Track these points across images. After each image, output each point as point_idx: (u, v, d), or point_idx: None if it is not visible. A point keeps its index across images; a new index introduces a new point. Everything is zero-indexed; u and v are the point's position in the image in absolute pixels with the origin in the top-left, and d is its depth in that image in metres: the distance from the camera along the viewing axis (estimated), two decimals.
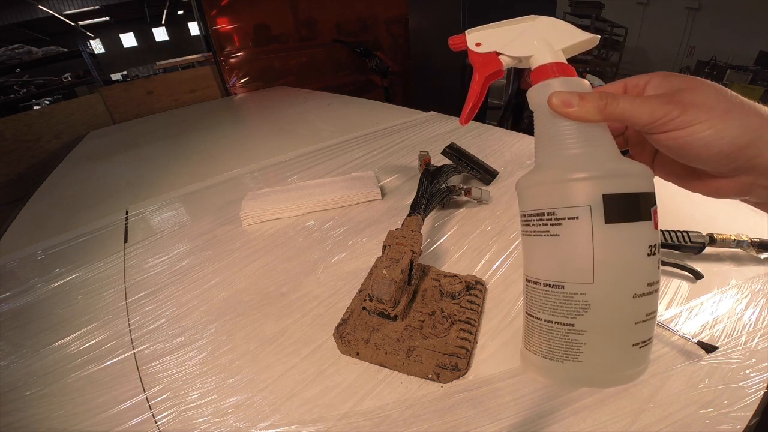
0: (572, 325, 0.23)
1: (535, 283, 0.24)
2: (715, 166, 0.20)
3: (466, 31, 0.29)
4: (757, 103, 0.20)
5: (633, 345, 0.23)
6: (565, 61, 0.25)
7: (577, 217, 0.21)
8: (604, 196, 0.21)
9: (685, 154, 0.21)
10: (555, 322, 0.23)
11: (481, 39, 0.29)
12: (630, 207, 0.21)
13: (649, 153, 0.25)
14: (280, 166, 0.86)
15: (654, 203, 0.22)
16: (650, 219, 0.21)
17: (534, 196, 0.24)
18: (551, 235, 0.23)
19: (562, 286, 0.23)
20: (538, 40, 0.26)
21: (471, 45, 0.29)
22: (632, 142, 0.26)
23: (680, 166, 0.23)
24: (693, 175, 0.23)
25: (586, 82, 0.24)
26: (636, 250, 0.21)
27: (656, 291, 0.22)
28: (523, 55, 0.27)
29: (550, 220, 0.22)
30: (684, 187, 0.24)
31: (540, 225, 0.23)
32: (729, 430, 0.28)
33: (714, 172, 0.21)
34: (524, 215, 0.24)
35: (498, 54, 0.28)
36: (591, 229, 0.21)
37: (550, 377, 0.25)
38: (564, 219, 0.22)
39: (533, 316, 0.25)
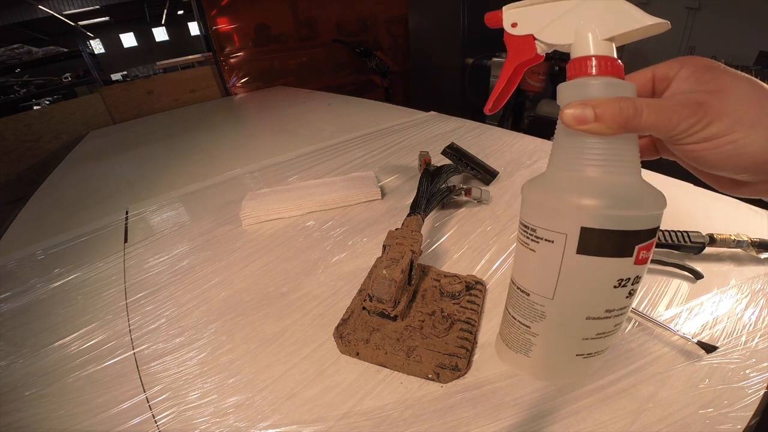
0: (529, 327, 0.25)
1: (513, 282, 0.26)
2: (736, 176, 0.20)
3: (503, 7, 0.24)
4: None
5: (576, 355, 0.25)
6: (613, 53, 0.21)
7: (553, 241, 0.22)
8: (582, 228, 0.20)
9: (706, 166, 0.20)
10: (518, 321, 0.26)
11: (518, 18, 0.24)
12: (607, 243, 0.20)
13: None
14: (280, 166, 0.86)
15: (645, 239, 0.20)
16: (630, 256, 0.20)
17: (525, 207, 0.24)
18: (529, 249, 0.23)
19: (528, 294, 0.25)
20: (582, 25, 0.21)
21: (506, 25, 0.24)
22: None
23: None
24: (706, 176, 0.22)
25: (632, 85, 0.20)
26: (601, 282, 0.22)
27: (618, 315, 0.23)
28: (559, 43, 0.22)
29: (531, 235, 0.23)
30: (703, 179, 0.23)
31: (523, 236, 0.24)
32: (729, 430, 0.28)
33: (735, 178, 0.21)
34: (519, 221, 0.24)
35: (534, 38, 0.23)
36: (562, 255, 0.21)
37: (506, 362, 0.29)
38: (542, 239, 0.22)
39: (506, 309, 0.28)
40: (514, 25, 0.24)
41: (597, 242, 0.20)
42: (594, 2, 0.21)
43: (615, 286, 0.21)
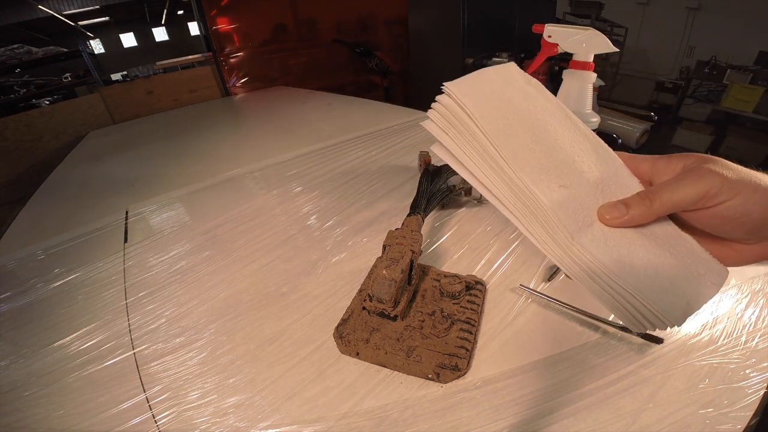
0: None
1: None
2: (754, 233, 0.20)
3: (546, 24, 0.47)
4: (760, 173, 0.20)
5: None
6: (591, 61, 0.45)
7: None
8: None
9: (730, 224, 0.20)
10: None
11: (552, 33, 0.47)
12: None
13: None
14: (280, 166, 0.86)
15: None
16: None
17: None
18: None
19: None
20: (583, 46, 0.44)
21: (545, 34, 0.47)
22: None
23: (701, 238, 0.23)
24: (715, 245, 0.22)
25: (594, 75, 0.45)
26: None
27: None
28: (569, 51, 0.46)
29: None
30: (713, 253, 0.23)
31: None
32: (729, 430, 0.28)
33: (748, 239, 0.21)
34: None
35: (557, 45, 0.46)
36: None
37: None
38: None
39: None
40: (549, 36, 0.47)
41: None
42: (591, 34, 0.44)
43: None
